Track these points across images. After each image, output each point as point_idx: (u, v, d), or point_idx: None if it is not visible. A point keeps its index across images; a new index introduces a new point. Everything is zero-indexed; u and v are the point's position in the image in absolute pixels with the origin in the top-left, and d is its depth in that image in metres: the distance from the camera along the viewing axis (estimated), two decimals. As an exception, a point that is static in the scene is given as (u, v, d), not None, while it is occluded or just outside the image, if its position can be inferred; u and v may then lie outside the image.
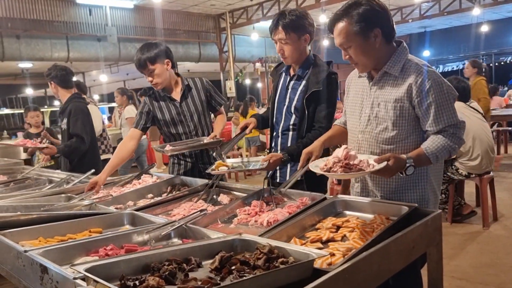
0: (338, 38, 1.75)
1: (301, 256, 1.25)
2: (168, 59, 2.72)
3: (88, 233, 1.79)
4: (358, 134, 1.88)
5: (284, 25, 2.29)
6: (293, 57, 2.37)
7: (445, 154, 1.71)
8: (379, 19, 1.72)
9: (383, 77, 1.80)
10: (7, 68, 13.50)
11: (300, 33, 2.32)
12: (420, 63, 1.76)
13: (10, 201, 2.28)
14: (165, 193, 2.47)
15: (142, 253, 1.27)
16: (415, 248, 1.48)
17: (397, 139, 1.78)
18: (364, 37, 1.71)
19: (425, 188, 1.84)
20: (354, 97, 1.94)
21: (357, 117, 1.89)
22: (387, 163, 1.58)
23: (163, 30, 11.65)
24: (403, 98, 1.74)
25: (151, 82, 2.71)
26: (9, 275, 1.63)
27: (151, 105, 2.82)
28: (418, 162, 1.67)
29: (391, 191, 1.85)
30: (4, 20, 9.12)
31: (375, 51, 1.75)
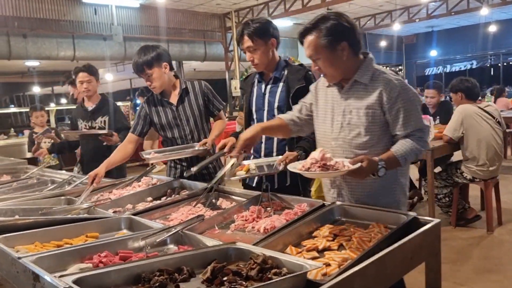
0: (307, 50, 1.85)
1: (295, 267, 1.23)
2: (166, 62, 2.70)
3: (85, 237, 1.78)
4: (331, 141, 1.95)
5: (249, 33, 2.39)
6: (263, 62, 2.46)
7: (412, 156, 1.82)
8: (345, 34, 1.82)
9: (353, 86, 1.89)
10: (14, 67, 13.59)
11: (266, 38, 2.41)
12: (387, 72, 1.88)
13: (10, 203, 2.28)
14: (164, 196, 2.46)
15: (133, 263, 1.26)
16: (413, 259, 1.45)
17: (369, 144, 1.86)
18: (331, 49, 1.80)
19: (396, 190, 1.94)
20: (324, 106, 2.01)
21: (329, 125, 1.96)
22: (361, 164, 1.67)
23: (169, 29, 11.66)
24: (375, 104, 1.83)
25: (149, 85, 2.71)
26: (4, 281, 1.63)
27: (148, 109, 2.81)
28: (389, 164, 1.77)
29: (365, 196, 1.90)
30: (11, 19, 9.18)
31: (342, 63, 1.84)
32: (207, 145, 2.63)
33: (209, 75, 17.67)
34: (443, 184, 4.29)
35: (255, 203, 2.03)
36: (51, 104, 16.57)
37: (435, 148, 4.10)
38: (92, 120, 3.64)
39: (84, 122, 3.68)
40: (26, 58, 10.73)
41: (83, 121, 3.68)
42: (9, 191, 2.85)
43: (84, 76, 3.58)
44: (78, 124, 3.73)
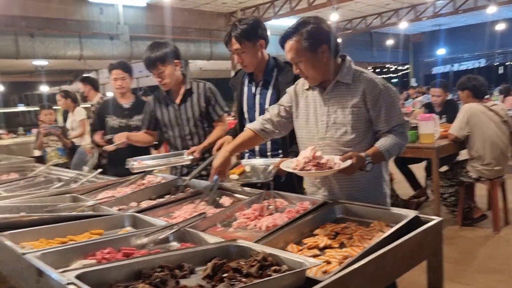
0: (289, 53, 1.91)
1: (295, 264, 1.24)
2: (178, 59, 2.72)
3: (89, 234, 1.80)
4: (318, 141, 2.00)
5: (236, 36, 2.37)
6: (252, 63, 2.45)
7: (396, 150, 1.92)
8: (325, 37, 1.89)
9: (336, 87, 1.96)
10: (22, 66, 13.70)
11: (254, 39, 2.40)
12: (367, 72, 1.97)
13: (16, 200, 2.31)
14: (168, 194, 2.48)
15: (134, 259, 1.28)
16: (414, 257, 1.45)
17: (356, 141, 1.94)
18: (312, 52, 1.87)
19: (382, 184, 2.04)
20: (305, 108, 2.06)
21: (314, 125, 2.02)
22: (351, 161, 1.75)
23: (175, 28, 11.70)
24: (359, 103, 1.91)
25: (159, 82, 2.72)
26: (9, 276, 1.66)
27: (154, 105, 2.84)
28: (375, 159, 1.86)
29: (355, 191, 1.97)
30: (18, 19, 9.26)
31: (323, 65, 1.91)
32: (195, 154, 2.61)
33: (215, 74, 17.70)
34: (448, 184, 4.27)
35: (258, 201, 2.04)
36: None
37: (440, 147, 4.09)
38: (128, 118, 3.47)
39: (118, 119, 3.49)
40: (33, 58, 10.83)
41: (117, 118, 3.50)
42: (16, 189, 2.89)
43: (119, 73, 3.44)
44: (108, 120, 3.52)
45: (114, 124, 3.47)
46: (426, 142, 4.16)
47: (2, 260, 1.72)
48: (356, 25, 15.78)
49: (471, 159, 4.14)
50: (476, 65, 19.80)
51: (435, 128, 4.27)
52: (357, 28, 15.88)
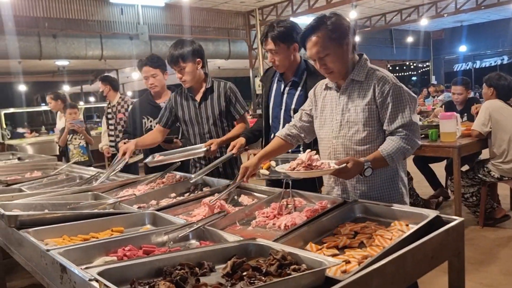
0: (314, 48, 1.88)
1: (314, 263, 1.24)
2: (200, 58, 2.75)
3: (110, 232, 1.83)
4: (332, 140, 2.00)
5: (273, 37, 2.44)
6: (284, 65, 2.53)
7: (400, 155, 1.86)
8: (348, 30, 1.89)
9: (350, 85, 1.96)
10: (45, 66, 13.99)
11: (289, 43, 2.46)
12: (381, 70, 1.95)
13: (40, 198, 2.37)
14: (187, 192, 2.50)
15: (155, 256, 1.29)
16: (435, 258, 1.43)
17: (368, 139, 1.93)
18: (339, 44, 1.87)
19: (398, 184, 2.00)
20: (323, 108, 2.07)
21: (329, 125, 2.03)
22: (346, 165, 1.75)
23: (193, 27, 11.78)
24: (371, 100, 1.90)
25: (180, 78, 2.75)
26: (34, 272, 1.70)
27: (175, 102, 2.87)
28: (375, 164, 1.83)
29: (368, 190, 1.96)
30: (41, 20, 9.45)
31: (347, 58, 1.91)
32: (212, 146, 2.59)
33: (234, 73, 17.75)
34: (470, 183, 4.20)
35: (276, 200, 2.04)
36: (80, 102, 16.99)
37: (462, 145, 4.01)
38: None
39: (155, 121, 3.25)
40: (56, 58, 11.04)
41: (154, 120, 3.29)
42: (39, 187, 2.96)
43: (148, 71, 3.24)
44: (145, 122, 3.35)
45: (151, 126, 3.30)
46: (447, 141, 4.09)
47: (27, 256, 1.77)
48: (375, 22, 15.60)
49: (493, 157, 4.06)
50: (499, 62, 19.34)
51: (456, 126, 4.20)
52: (376, 25, 15.70)
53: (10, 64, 11.97)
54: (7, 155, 4.99)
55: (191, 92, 2.83)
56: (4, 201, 2.26)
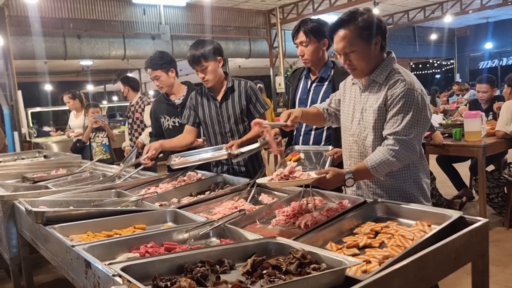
0: (342, 42, 1.84)
1: (334, 263, 1.24)
2: (221, 57, 2.77)
3: (133, 229, 1.87)
4: (349, 137, 2.01)
5: (305, 30, 2.54)
6: (312, 58, 2.58)
7: (384, 167, 1.81)
8: (379, 28, 1.84)
9: (370, 85, 1.94)
10: (70, 66, 14.30)
11: (319, 37, 2.55)
12: (404, 72, 1.87)
13: (65, 195, 2.43)
14: (208, 191, 2.52)
15: (176, 253, 1.32)
16: (458, 259, 1.41)
17: (376, 143, 1.90)
18: (367, 42, 1.83)
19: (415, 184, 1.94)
20: (348, 103, 2.05)
21: (349, 121, 2.03)
22: (325, 175, 1.75)
23: (214, 27, 11.83)
24: (382, 103, 1.86)
25: (202, 78, 2.76)
26: (60, 267, 1.75)
27: (195, 101, 2.89)
28: (358, 175, 1.82)
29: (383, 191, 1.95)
30: (66, 21, 9.66)
31: (373, 58, 1.87)
32: (233, 148, 2.55)
33: (254, 72, 17.77)
34: (495, 184, 4.10)
35: (296, 199, 2.04)
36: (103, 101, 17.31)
37: (487, 145, 3.93)
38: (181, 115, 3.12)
39: (172, 119, 3.25)
40: (80, 58, 11.26)
41: (171, 118, 3.25)
42: (64, 184, 3.03)
43: (151, 73, 3.19)
44: (162, 121, 3.29)
45: (169, 125, 3.26)
46: (471, 140, 4.01)
47: (53, 251, 1.82)
48: (398, 19, 15.36)
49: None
50: (527, 59, 18.80)
51: (481, 125, 4.11)
52: (399, 23, 15.47)
53: (36, 64, 12.27)
54: (33, 153, 5.13)
55: (211, 92, 2.84)
56: (31, 197, 2.32)
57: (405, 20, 15.30)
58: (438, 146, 4.11)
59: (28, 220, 2.08)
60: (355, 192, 2.03)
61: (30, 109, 10.74)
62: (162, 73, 3.17)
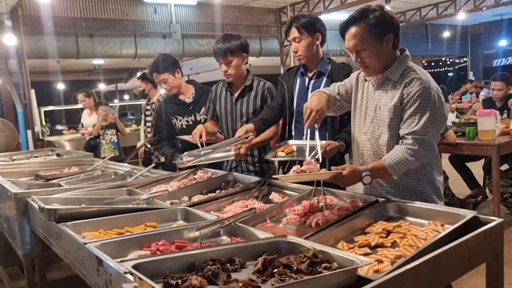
0: (353, 40, 1.82)
1: (345, 262, 1.23)
2: (246, 53, 2.78)
3: (144, 227, 1.88)
4: (362, 135, 1.98)
5: (297, 25, 2.49)
6: (306, 54, 2.52)
7: (402, 166, 1.80)
8: (391, 25, 1.82)
9: (384, 83, 1.91)
10: (82, 65, 14.43)
11: (312, 32, 2.50)
12: (419, 70, 1.86)
13: (77, 193, 2.45)
14: (218, 189, 2.52)
15: (187, 252, 1.32)
16: (472, 260, 1.39)
17: (391, 142, 1.88)
18: (378, 40, 1.80)
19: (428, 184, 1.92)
20: (360, 99, 2.02)
21: (362, 119, 2.01)
22: (341, 171, 1.73)
23: (225, 25, 11.82)
24: (398, 101, 1.84)
25: (225, 72, 2.77)
26: (72, 264, 1.76)
27: (215, 94, 2.91)
28: (375, 173, 1.80)
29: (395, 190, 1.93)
30: (79, 20, 9.74)
31: (385, 56, 1.85)
32: (241, 150, 2.52)
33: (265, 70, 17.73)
34: (509, 183, 4.05)
35: (307, 197, 2.03)
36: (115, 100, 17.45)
37: (501, 144, 3.87)
38: (195, 113, 3.20)
39: (184, 119, 3.22)
40: (92, 57, 11.34)
41: (183, 118, 3.23)
42: (76, 182, 3.06)
43: (157, 77, 3.19)
44: (174, 122, 3.25)
45: (182, 125, 3.23)
46: (485, 139, 3.96)
47: (65, 248, 1.84)
48: (410, 17, 15.20)
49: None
50: (542, 56, 18.48)
51: (495, 124, 4.05)
52: (411, 20, 15.31)
53: (49, 63, 12.41)
54: (46, 151, 5.18)
55: (230, 87, 2.86)
56: (44, 195, 2.35)
57: (417, 17, 15.13)
58: (451, 145, 4.06)
59: (41, 218, 2.10)
60: (368, 190, 2.01)
61: (43, 108, 10.85)
62: (169, 76, 3.16)
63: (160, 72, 3.15)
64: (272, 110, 2.64)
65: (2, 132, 6.32)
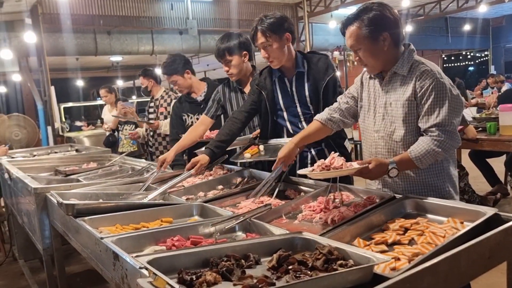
0: (349, 40, 1.86)
1: (361, 259, 1.21)
2: (246, 51, 2.76)
3: (160, 222, 1.89)
4: (373, 133, 1.96)
5: (262, 29, 2.34)
6: (279, 58, 2.40)
7: (429, 158, 1.77)
8: (387, 24, 1.82)
9: (392, 78, 1.90)
10: (100, 62, 14.61)
11: (280, 33, 2.35)
12: (427, 63, 1.84)
13: (95, 188, 2.49)
14: (234, 185, 2.52)
15: (202, 247, 1.32)
16: (492, 258, 1.35)
17: (408, 136, 1.86)
18: (373, 40, 1.81)
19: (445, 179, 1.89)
20: (367, 98, 2.01)
21: (372, 117, 1.99)
22: (367, 165, 1.72)
23: (241, 21, 11.81)
24: (411, 95, 1.82)
25: (227, 72, 2.78)
26: (89, 258, 1.78)
27: (223, 94, 2.90)
28: (402, 165, 1.78)
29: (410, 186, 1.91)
30: (96, 18, 9.85)
31: (383, 54, 1.85)
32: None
33: (281, 66, 17.67)
34: (532, 179, 3.94)
35: (323, 194, 2.01)
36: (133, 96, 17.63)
37: (523, 139, 3.78)
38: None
39: (195, 116, 3.30)
40: (110, 54, 11.48)
41: (194, 115, 3.31)
42: (95, 177, 3.10)
43: (167, 79, 3.28)
44: (184, 118, 3.37)
45: (192, 122, 3.30)
46: (507, 134, 3.86)
47: (83, 243, 1.86)
48: (429, 10, 14.92)
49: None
50: None
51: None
52: (430, 13, 15.03)
53: (68, 60, 12.60)
54: (65, 147, 5.28)
55: (239, 85, 2.85)
56: (62, 190, 2.39)
57: (437, 10, 14.84)
58: (471, 140, 3.98)
59: (60, 212, 2.14)
60: (380, 189, 1.98)
61: (63, 104, 11.05)
62: (178, 77, 3.26)
63: (168, 74, 3.27)
64: (233, 123, 2.56)
65: (23, 129, 6.45)
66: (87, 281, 3.63)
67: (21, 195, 3.02)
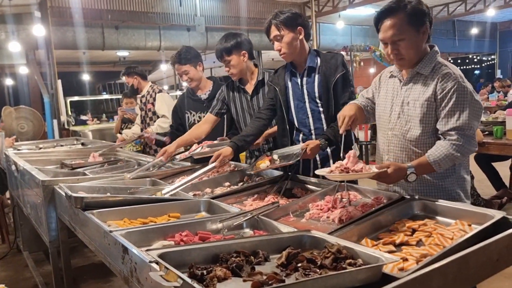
0: (390, 30, 1.79)
1: (370, 259, 1.21)
2: (245, 50, 2.76)
3: (167, 217, 1.90)
4: (388, 131, 1.95)
5: (276, 23, 2.38)
6: (291, 51, 2.41)
7: (448, 162, 1.77)
8: (427, 17, 1.81)
9: (413, 77, 1.89)
10: (107, 56, 14.65)
11: (293, 27, 2.38)
12: (450, 65, 1.84)
13: (102, 182, 2.50)
14: (241, 182, 2.53)
15: (212, 243, 1.32)
16: (500, 261, 1.35)
17: (423, 137, 1.86)
18: (416, 30, 1.78)
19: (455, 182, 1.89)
20: (385, 96, 2.00)
21: (388, 115, 1.98)
22: (386, 169, 1.70)
23: (249, 19, 11.80)
24: (431, 96, 1.81)
25: (227, 72, 2.79)
26: (97, 251, 1.79)
27: (227, 94, 2.91)
28: (420, 170, 1.76)
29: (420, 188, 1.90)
30: (105, 13, 9.87)
31: (421, 47, 1.83)
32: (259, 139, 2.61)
33: (287, 65, 17.63)
34: (538, 184, 3.93)
35: (331, 193, 2.02)
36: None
37: (530, 144, 3.76)
38: (208, 110, 3.13)
39: (198, 114, 3.31)
40: (117, 49, 11.50)
41: (196, 113, 3.31)
42: (101, 171, 3.11)
43: (179, 68, 3.23)
44: (187, 116, 3.36)
45: (194, 120, 3.30)
46: (514, 139, 3.85)
47: (90, 235, 1.87)
48: (437, 13, 14.87)
49: None
50: None
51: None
52: (438, 16, 14.97)
53: (75, 54, 12.65)
54: (71, 140, 5.29)
55: (242, 84, 2.85)
56: (70, 183, 2.40)
57: (444, 13, 14.79)
58: (478, 144, 3.96)
59: (67, 205, 2.15)
60: (387, 190, 1.97)
61: (69, 98, 11.07)
62: (191, 68, 3.22)
63: (182, 63, 3.21)
64: (258, 121, 2.60)
65: (30, 121, 6.47)
66: (90, 274, 3.65)
67: (28, 187, 3.04)
